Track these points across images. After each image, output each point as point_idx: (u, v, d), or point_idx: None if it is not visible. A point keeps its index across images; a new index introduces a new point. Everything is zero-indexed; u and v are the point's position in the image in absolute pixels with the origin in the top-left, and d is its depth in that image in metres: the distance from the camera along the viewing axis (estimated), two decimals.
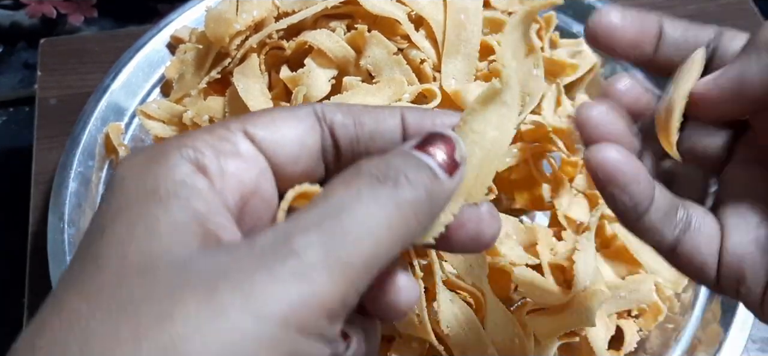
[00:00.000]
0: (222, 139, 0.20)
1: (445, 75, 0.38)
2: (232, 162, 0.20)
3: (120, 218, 0.18)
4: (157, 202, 0.18)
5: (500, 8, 0.44)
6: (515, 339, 0.36)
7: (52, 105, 0.57)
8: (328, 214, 0.18)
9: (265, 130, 0.21)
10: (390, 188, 0.19)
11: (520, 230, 0.41)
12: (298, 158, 0.21)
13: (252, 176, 0.20)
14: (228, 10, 0.41)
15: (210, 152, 0.20)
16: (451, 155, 0.20)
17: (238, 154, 0.20)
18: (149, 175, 0.19)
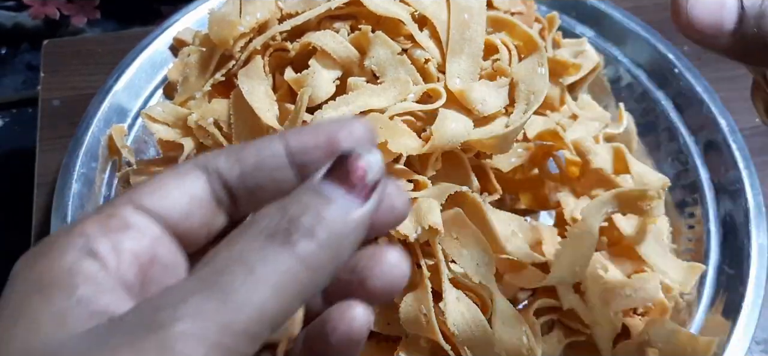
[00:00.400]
0: (110, 217, 0.20)
1: (450, 75, 0.38)
2: (124, 237, 0.20)
3: (4, 315, 0.18)
4: (39, 293, 0.18)
5: (503, 8, 0.44)
6: (523, 338, 0.36)
7: (55, 106, 0.57)
8: (204, 281, 0.17)
9: (151, 197, 0.21)
10: (279, 246, 0.18)
11: (525, 230, 0.42)
12: (190, 214, 0.21)
13: (145, 245, 0.20)
14: (231, 12, 0.41)
15: (99, 233, 0.20)
16: (363, 176, 0.19)
17: (127, 227, 0.20)
18: (35, 268, 0.19)
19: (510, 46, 0.41)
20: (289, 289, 0.18)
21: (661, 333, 0.40)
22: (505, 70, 0.39)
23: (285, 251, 0.18)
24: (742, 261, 0.44)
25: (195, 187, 0.21)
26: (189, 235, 0.21)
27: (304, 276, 0.18)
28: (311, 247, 0.18)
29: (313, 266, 0.18)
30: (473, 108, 0.37)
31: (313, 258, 0.18)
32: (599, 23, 0.55)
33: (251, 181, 0.21)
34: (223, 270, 0.18)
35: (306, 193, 0.19)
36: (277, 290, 0.17)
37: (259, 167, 0.21)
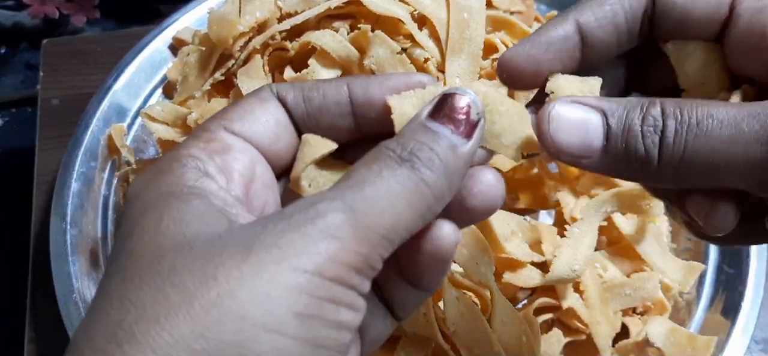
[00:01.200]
0: (210, 141, 0.22)
1: (450, 74, 0.38)
2: (227, 158, 0.21)
3: (145, 219, 0.19)
4: (178, 199, 0.20)
5: (502, 8, 0.44)
6: (523, 337, 0.36)
7: (54, 106, 0.57)
8: (350, 187, 0.19)
9: (242, 121, 0.22)
10: (408, 170, 0.20)
11: (524, 229, 0.41)
12: (278, 136, 0.23)
13: (246, 164, 0.22)
14: (231, 11, 0.41)
15: (205, 155, 0.21)
16: (467, 116, 0.21)
17: (229, 149, 0.22)
18: (163, 183, 0.20)
19: (510, 45, 0.41)
20: (418, 207, 0.20)
21: (660, 332, 0.40)
22: None
23: (414, 174, 0.20)
24: (742, 261, 0.44)
25: (279, 113, 0.23)
26: (278, 156, 0.23)
27: (429, 198, 0.20)
28: (433, 175, 0.20)
29: (435, 191, 0.20)
30: None
31: (435, 183, 0.20)
32: None
33: (313, 121, 0.23)
34: (367, 181, 0.20)
35: (418, 129, 0.21)
36: (410, 204, 0.20)
37: (322, 110, 0.23)
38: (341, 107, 0.23)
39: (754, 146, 0.21)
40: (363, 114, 0.23)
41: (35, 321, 0.47)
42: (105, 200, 0.48)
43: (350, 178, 0.20)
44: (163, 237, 0.19)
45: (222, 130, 0.22)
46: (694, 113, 0.21)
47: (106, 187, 0.49)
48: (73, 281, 0.43)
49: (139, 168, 0.45)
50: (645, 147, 0.22)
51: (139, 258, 0.19)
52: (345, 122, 0.23)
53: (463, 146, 0.21)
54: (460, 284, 0.37)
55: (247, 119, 0.22)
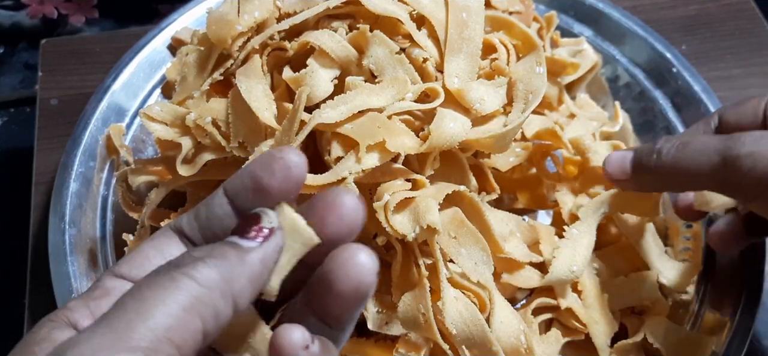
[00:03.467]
0: (93, 290, 0.23)
1: (448, 74, 0.38)
2: (103, 303, 0.22)
3: None
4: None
5: (501, 8, 0.44)
6: (521, 336, 0.36)
7: (53, 106, 0.57)
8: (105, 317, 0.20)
9: (130, 263, 0.23)
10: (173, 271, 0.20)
11: (523, 229, 0.41)
12: None
13: None
14: (229, 11, 0.41)
15: (80, 305, 0.22)
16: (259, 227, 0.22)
17: (107, 294, 0.22)
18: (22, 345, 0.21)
19: (508, 45, 0.41)
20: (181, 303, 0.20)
21: (659, 332, 0.40)
22: (503, 70, 0.39)
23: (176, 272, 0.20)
24: (741, 260, 0.44)
25: (171, 247, 0.23)
26: None
27: (197, 292, 0.20)
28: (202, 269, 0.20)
29: (205, 283, 0.20)
30: (471, 107, 0.37)
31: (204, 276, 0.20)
32: (597, 22, 0.55)
33: (208, 233, 0.24)
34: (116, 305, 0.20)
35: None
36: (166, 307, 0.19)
37: (211, 218, 0.24)
38: (223, 207, 0.24)
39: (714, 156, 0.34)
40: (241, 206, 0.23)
41: (34, 321, 0.47)
42: (104, 200, 0.48)
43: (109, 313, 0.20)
44: None
45: (107, 277, 0.23)
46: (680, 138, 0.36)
47: (105, 187, 0.49)
48: (71, 281, 0.43)
49: (138, 168, 0.44)
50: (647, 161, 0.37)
51: None
52: (232, 220, 0.23)
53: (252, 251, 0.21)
54: (458, 284, 0.37)
55: (136, 260, 0.23)
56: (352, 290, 0.22)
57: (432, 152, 0.36)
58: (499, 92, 0.38)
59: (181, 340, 0.19)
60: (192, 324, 0.20)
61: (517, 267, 0.40)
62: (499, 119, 0.38)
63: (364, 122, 0.35)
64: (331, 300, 0.22)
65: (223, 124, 0.39)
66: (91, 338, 0.19)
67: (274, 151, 0.23)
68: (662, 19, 0.62)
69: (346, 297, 0.22)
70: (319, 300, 0.23)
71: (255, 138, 0.38)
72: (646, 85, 0.54)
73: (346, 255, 0.22)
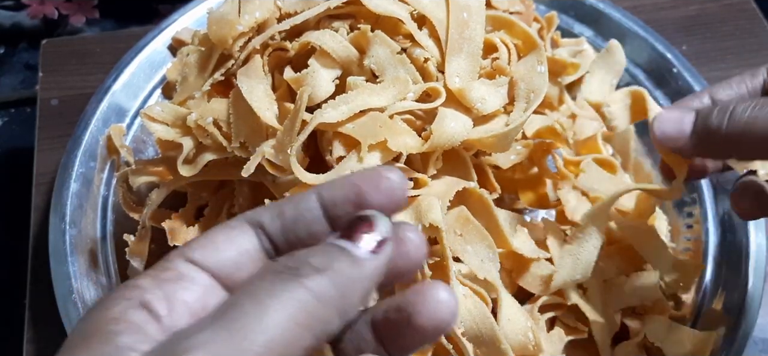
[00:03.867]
0: (164, 270, 0.22)
1: (449, 74, 0.38)
2: (176, 288, 0.21)
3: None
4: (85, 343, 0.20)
5: (502, 8, 0.44)
6: (529, 333, 0.36)
7: (53, 106, 0.57)
8: (218, 316, 0.19)
9: (202, 250, 0.22)
10: (288, 280, 0.19)
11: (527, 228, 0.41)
12: (241, 265, 0.22)
13: (197, 295, 0.22)
14: (230, 11, 0.41)
15: (152, 285, 0.21)
16: (371, 233, 0.21)
17: (180, 279, 0.22)
18: (90, 319, 0.21)
19: (509, 44, 0.41)
20: (298, 319, 0.19)
21: (660, 331, 0.40)
22: (504, 69, 0.39)
23: (293, 283, 0.19)
24: (741, 261, 0.44)
25: (244, 240, 0.23)
26: (238, 285, 0.22)
27: (313, 307, 0.19)
28: (320, 281, 0.19)
29: (322, 298, 0.19)
30: (473, 107, 0.37)
31: (321, 290, 0.19)
32: (598, 22, 0.55)
33: (291, 234, 0.23)
34: (233, 305, 0.19)
35: (320, 245, 0.21)
36: (287, 322, 0.19)
37: (297, 220, 0.23)
38: (313, 212, 0.23)
39: None
40: (335, 215, 0.23)
41: (34, 321, 0.47)
42: (104, 201, 0.48)
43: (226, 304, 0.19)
44: None
45: (179, 259, 0.22)
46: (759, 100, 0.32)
47: (105, 187, 0.49)
48: (72, 281, 0.43)
49: (139, 169, 0.44)
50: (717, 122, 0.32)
51: None
52: (321, 226, 0.23)
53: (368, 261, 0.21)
54: (465, 282, 0.37)
55: (208, 248, 0.22)
56: (433, 327, 0.21)
57: (434, 151, 0.36)
58: (501, 92, 0.38)
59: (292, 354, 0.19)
60: (305, 340, 0.19)
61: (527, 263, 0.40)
62: (501, 118, 0.38)
63: (365, 121, 0.35)
64: (407, 332, 0.22)
65: (224, 124, 0.39)
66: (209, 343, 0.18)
67: (381, 169, 0.23)
68: (663, 20, 0.62)
69: (425, 331, 0.22)
70: (393, 329, 0.22)
71: (256, 138, 0.38)
72: (647, 85, 0.54)
73: (431, 292, 0.22)
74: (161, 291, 0.21)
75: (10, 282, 0.52)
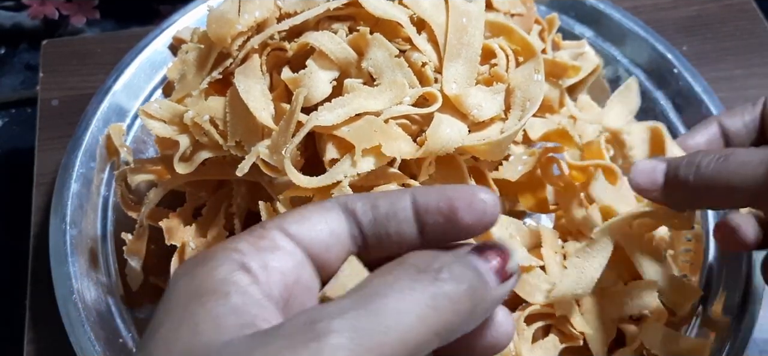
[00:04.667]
0: (261, 238, 0.22)
1: (447, 79, 0.38)
2: (272, 257, 0.22)
3: (169, 318, 0.20)
4: (198, 301, 0.20)
5: (503, 10, 0.44)
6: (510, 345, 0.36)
7: (54, 106, 0.57)
8: (359, 301, 0.19)
9: (298, 225, 0.23)
10: (429, 281, 0.20)
11: (523, 233, 0.41)
12: (330, 246, 0.23)
13: (291, 266, 0.22)
14: (230, 10, 0.41)
15: (251, 250, 0.22)
16: (502, 266, 0.22)
17: (276, 248, 0.22)
18: (196, 277, 0.21)
19: (508, 51, 0.41)
20: (432, 321, 0.19)
21: (656, 338, 0.40)
22: (501, 76, 0.39)
23: (433, 286, 0.20)
24: (741, 262, 0.44)
25: (336, 223, 0.23)
26: (326, 265, 0.23)
27: (446, 313, 0.20)
28: (457, 287, 0.20)
29: (455, 305, 0.20)
30: (469, 113, 0.37)
31: (456, 297, 0.20)
32: (598, 23, 0.55)
33: (381, 228, 0.23)
34: (376, 293, 0.19)
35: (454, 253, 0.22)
36: (421, 319, 0.19)
37: (390, 216, 0.23)
38: (406, 212, 0.23)
39: (760, 167, 0.32)
40: (424, 221, 0.23)
41: (35, 321, 0.47)
42: (105, 201, 0.48)
43: (363, 288, 0.20)
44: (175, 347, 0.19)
45: (275, 229, 0.22)
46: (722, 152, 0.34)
47: (105, 187, 0.49)
48: (72, 282, 0.43)
49: (138, 168, 0.45)
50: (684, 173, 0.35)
51: None
52: (410, 228, 0.23)
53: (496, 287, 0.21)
54: None
55: (304, 224, 0.23)
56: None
57: (428, 157, 0.36)
58: (497, 99, 0.38)
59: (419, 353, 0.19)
60: (432, 343, 0.20)
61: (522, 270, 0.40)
62: (497, 125, 0.38)
63: (360, 125, 0.35)
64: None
65: (220, 122, 0.39)
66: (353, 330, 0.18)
67: (476, 188, 0.23)
68: (663, 20, 0.61)
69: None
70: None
71: (252, 138, 0.38)
72: (647, 85, 0.53)
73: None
74: (259, 257, 0.21)
75: (11, 282, 0.52)
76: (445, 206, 0.23)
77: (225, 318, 0.20)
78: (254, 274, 0.21)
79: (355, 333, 0.18)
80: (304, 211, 0.23)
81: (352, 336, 0.18)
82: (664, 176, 0.36)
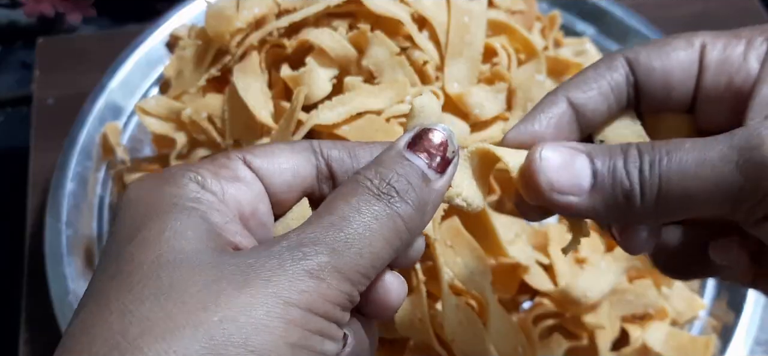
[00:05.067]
0: (222, 166, 0.22)
1: (448, 78, 0.37)
2: (232, 185, 0.22)
3: (147, 226, 0.20)
4: (180, 211, 0.20)
5: (504, 8, 0.44)
6: (519, 347, 0.35)
7: (49, 105, 0.56)
8: (332, 225, 0.20)
9: (263, 159, 0.23)
10: (384, 204, 0.21)
11: (528, 233, 0.41)
12: (292, 186, 0.23)
13: (249, 198, 0.23)
14: (229, 6, 0.40)
15: (211, 176, 0.22)
16: (443, 153, 0.22)
17: (236, 178, 0.22)
18: (165, 192, 0.21)
19: (509, 50, 0.40)
20: (393, 241, 0.21)
21: (659, 337, 0.40)
22: (503, 75, 0.39)
23: (390, 210, 0.21)
24: None
25: (303, 164, 0.23)
26: (283, 202, 0.24)
27: (403, 232, 0.21)
28: (408, 209, 0.21)
29: (409, 225, 0.21)
30: (470, 112, 0.37)
31: (409, 218, 0.21)
32: (600, 20, 0.55)
33: None
34: (347, 219, 0.20)
35: (396, 158, 0.22)
36: (386, 240, 0.21)
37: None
38: None
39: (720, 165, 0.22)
40: None
41: (30, 322, 0.47)
42: (100, 201, 0.48)
43: (331, 214, 0.21)
44: (164, 249, 0.19)
45: (238, 160, 0.23)
46: (664, 146, 0.23)
47: (101, 187, 0.48)
48: (68, 282, 0.43)
49: (134, 167, 0.44)
50: (630, 180, 0.23)
51: (140, 267, 0.19)
52: None
53: (437, 181, 0.22)
54: (458, 289, 0.36)
55: (270, 160, 0.23)
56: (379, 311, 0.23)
57: None
58: (499, 98, 0.38)
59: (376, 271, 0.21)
60: (389, 257, 0.21)
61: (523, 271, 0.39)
62: (498, 124, 0.38)
63: (361, 124, 0.35)
64: None
65: (218, 120, 0.39)
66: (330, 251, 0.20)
67: None
68: (666, 17, 0.61)
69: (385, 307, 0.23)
70: None
71: (250, 136, 0.37)
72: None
73: None
74: (219, 184, 0.22)
75: (7, 282, 0.52)
76: None
77: (208, 232, 0.20)
78: (216, 195, 0.22)
79: (334, 255, 0.20)
80: (275, 147, 0.24)
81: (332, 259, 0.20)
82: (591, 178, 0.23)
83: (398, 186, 0.21)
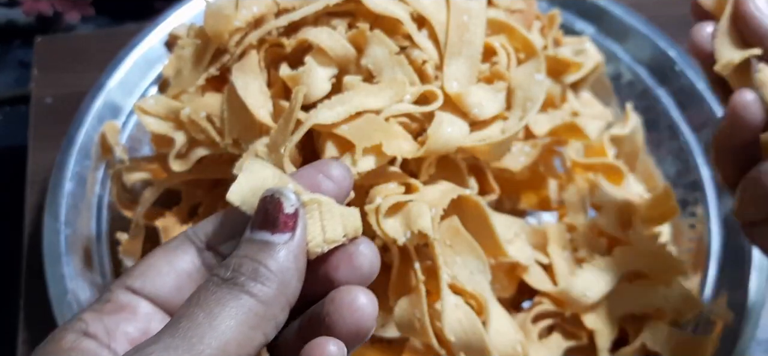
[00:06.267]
0: (106, 302, 0.23)
1: (448, 77, 0.37)
2: (116, 318, 0.22)
3: None
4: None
5: (503, 6, 0.44)
6: (517, 346, 0.35)
7: (47, 104, 0.56)
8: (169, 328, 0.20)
9: (141, 278, 0.23)
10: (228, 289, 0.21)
11: (528, 232, 0.41)
12: (181, 288, 0.23)
13: (139, 324, 0.23)
14: (227, 6, 0.40)
15: (93, 318, 0.22)
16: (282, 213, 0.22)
17: (121, 308, 0.23)
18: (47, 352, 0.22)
19: (509, 49, 0.40)
20: (248, 321, 0.20)
21: (659, 337, 0.40)
22: (503, 75, 0.39)
23: (236, 290, 0.21)
24: (744, 261, 0.44)
25: (184, 261, 0.23)
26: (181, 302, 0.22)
27: (258, 309, 0.21)
28: (258, 286, 0.21)
29: (263, 299, 0.21)
30: (470, 112, 0.37)
31: (263, 294, 0.21)
32: (600, 19, 0.55)
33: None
34: (185, 316, 0.20)
35: (243, 245, 0.22)
36: (236, 323, 0.20)
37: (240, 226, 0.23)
38: None
39: None
40: None
41: (29, 322, 0.47)
42: (99, 200, 0.48)
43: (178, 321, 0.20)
44: None
45: (121, 289, 0.23)
46: None
47: (100, 186, 0.48)
48: (66, 282, 0.43)
49: (133, 166, 0.44)
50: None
51: None
52: None
53: (290, 242, 0.21)
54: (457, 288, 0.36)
55: (149, 275, 0.23)
56: (353, 335, 0.22)
57: (428, 156, 0.36)
58: (498, 97, 0.38)
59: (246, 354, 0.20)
60: (256, 339, 0.21)
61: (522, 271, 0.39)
62: (498, 124, 0.37)
63: (360, 123, 0.35)
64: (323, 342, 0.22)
65: (217, 119, 0.39)
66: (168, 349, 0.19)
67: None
68: (665, 17, 0.61)
69: (346, 340, 0.22)
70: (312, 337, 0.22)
71: (249, 135, 0.37)
72: (649, 83, 0.53)
73: (348, 299, 0.22)
74: (102, 323, 0.22)
75: (5, 282, 0.52)
76: None
77: None
78: (99, 339, 0.22)
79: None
80: (151, 259, 0.23)
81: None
82: None
83: (245, 269, 0.21)
